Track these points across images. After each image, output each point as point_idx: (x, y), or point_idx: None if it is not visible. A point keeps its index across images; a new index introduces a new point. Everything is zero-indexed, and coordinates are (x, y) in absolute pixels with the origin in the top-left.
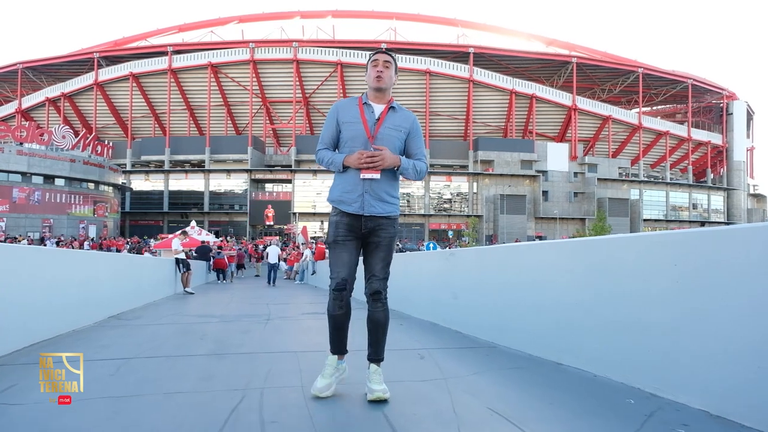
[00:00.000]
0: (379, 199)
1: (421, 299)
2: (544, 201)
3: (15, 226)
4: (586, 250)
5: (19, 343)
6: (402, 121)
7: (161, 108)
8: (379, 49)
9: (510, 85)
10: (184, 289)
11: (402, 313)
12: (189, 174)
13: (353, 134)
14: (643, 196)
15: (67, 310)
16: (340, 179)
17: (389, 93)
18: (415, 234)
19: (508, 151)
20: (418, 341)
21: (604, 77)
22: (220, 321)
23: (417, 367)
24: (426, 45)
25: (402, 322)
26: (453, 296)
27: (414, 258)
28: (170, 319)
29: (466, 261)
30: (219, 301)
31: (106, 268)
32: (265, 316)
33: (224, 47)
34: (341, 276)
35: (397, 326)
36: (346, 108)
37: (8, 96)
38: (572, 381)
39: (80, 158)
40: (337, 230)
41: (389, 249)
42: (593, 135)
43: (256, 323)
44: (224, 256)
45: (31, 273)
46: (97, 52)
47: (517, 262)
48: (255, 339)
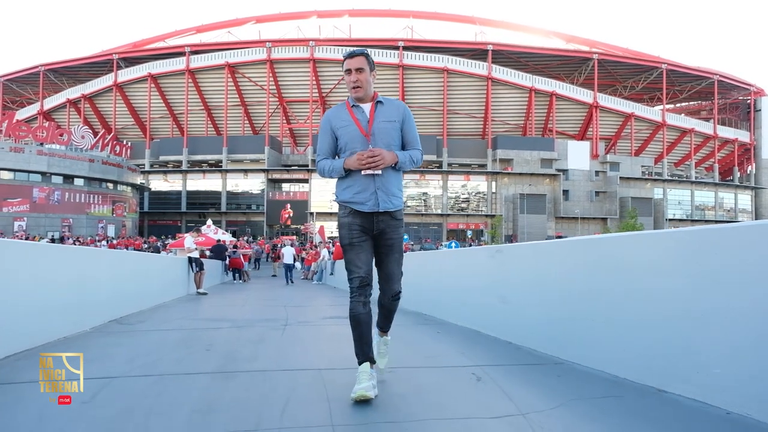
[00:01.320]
0: (391, 194)
1: (459, 303)
2: (564, 200)
3: (35, 226)
4: (714, 244)
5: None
6: (393, 112)
7: (179, 108)
8: (349, 53)
9: (529, 83)
10: (197, 290)
11: (435, 318)
12: (206, 174)
13: (350, 136)
14: (667, 195)
15: (55, 314)
16: (349, 182)
17: (371, 91)
18: (433, 234)
19: (528, 150)
20: (465, 355)
21: (626, 74)
22: (232, 326)
23: (477, 393)
24: (444, 43)
25: (439, 330)
26: (501, 300)
27: (450, 256)
28: (177, 323)
29: (518, 259)
30: (233, 302)
31: (107, 267)
32: (282, 321)
33: (241, 47)
34: (362, 273)
35: (433, 334)
36: (337, 114)
37: (30, 98)
38: (698, 419)
39: (99, 158)
40: (351, 232)
41: (401, 249)
42: (615, 133)
43: (271, 329)
44: (240, 255)
45: (7, 269)
46: (117, 53)
47: (592, 260)
48: (270, 351)
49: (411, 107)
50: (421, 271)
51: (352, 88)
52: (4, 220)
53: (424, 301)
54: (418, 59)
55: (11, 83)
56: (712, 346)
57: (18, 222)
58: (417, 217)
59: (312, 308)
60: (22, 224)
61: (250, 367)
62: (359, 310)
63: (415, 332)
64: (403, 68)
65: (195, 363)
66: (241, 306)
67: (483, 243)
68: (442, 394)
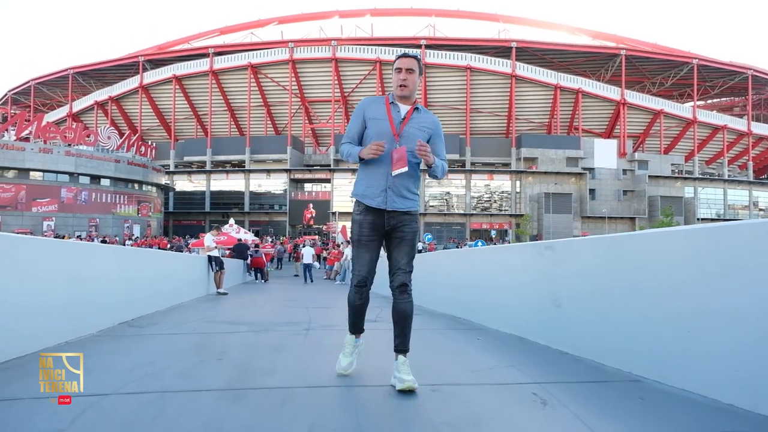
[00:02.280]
0: (401, 195)
1: (500, 306)
2: (591, 200)
3: (63, 226)
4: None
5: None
6: (426, 122)
7: (203, 109)
8: (403, 53)
9: (554, 80)
10: (217, 290)
11: (471, 322)
12: (230, 174)
13: (379, 130)
14: (699, 194)
15: (56, 315)
16: (364, 174)
17: (414, 96)
18: (456, 234)
19: (553, 148)
20: (518, 369)
21: (655, 70)
22: (250, 330)
23: (547, 423)
24: (466, 41)
25: (479, 336)
26: (553, 303)
27: (488, 254)
28: (191, 326)
29: (574, 256)
30: (253, 303)
31: (115, 265)
32: (304, 325)
33: (264, 47)
34: (362, 274)
35: (473, 342)
36: (373, 105)
37: (60, 101)
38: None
39: (125, 159)
40: (362, 230)
41: (413, 244)
42: (643, 130)
43: (292, 335)
44: (262, 254)
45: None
46: (142, 55)
47: (681, 260)
48: (290, 361)
49: (433, 106)
50: (454, 271)
51: (399, 86)
52: (33, 219)
53: (457, 304)
54: (440, 58)
55: (42, 86)
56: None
57: (47, 222)
58: (439, 217)
59: (336, 309)
60: (51, 224)
61: (265, 383)
62: (356, 301)
63: (452, 339)
64: (426, 67)
65: (203, 376)
66: (261, 307)
67: (507, 243)
68: (505, 424)
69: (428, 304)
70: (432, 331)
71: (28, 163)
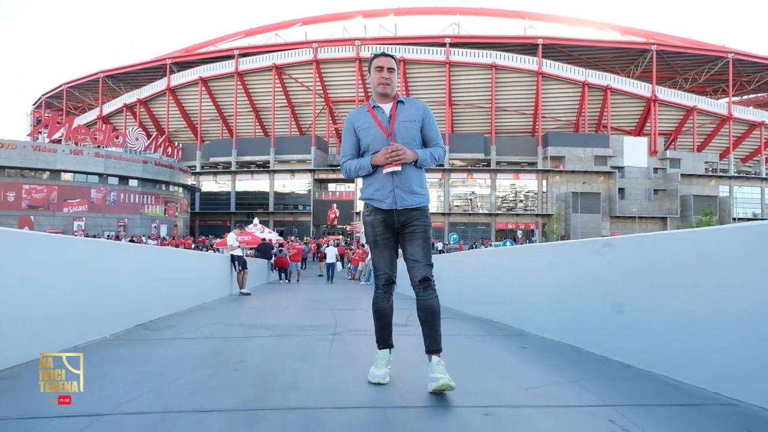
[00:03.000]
0: (410, 191)
1: (545, 310)
2: (620, 199)
3: (93, 226)
4: None
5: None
6: (413, 112)
7: (228, 110)
8: (381, 52)
9: (582, 77)
10: (240, 290)
11: (510, 327)
12: (254, 174)
13: (372, 137)
14: (734, 193)
15: (66, 317)
16: (371, 179)
17: (394, 91)
18: (480, 234)
19: (581, 147)
20: (582, 386)
21: (688, 65)
22: (271, 335)
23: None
24: (491, 38)
25: (524, 345)
26: (613, 308)
27: (530, 252)
28: (209, 330)
29: (641, 255)
30: (276, 304)
31: (130, 264)
32: (330, 329)
33: (288, 48)
34: (387, 273)
35: (518, 350)
36: (358, 116)
37: (91, 104)
38: None
39: (152, 159)
40: (375, 230)
41: (426, 237)
42: (675, 128)
43: (318, 340)
44: (286, 254)
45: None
46: (170, 58)
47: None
48: (315, 373)
49: (458, 104)
50: (490, 271)
51: (379, 84)
52: (64, 220)
53: (493, 306)
54: (465, 56)
55: (74, 90)
56: None
57: (77, 222)
58: (464, 217)
59: (363, 312)
60: (81, 224)
61: (286, 402)
62: (383, 305)
63: (491, 346)
64: (450, 65)
65: (215, 391)
66: (285, 309)
67: (534, 243)
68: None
69: (461, 307)
70: (469, 337)
71: (59, 164)
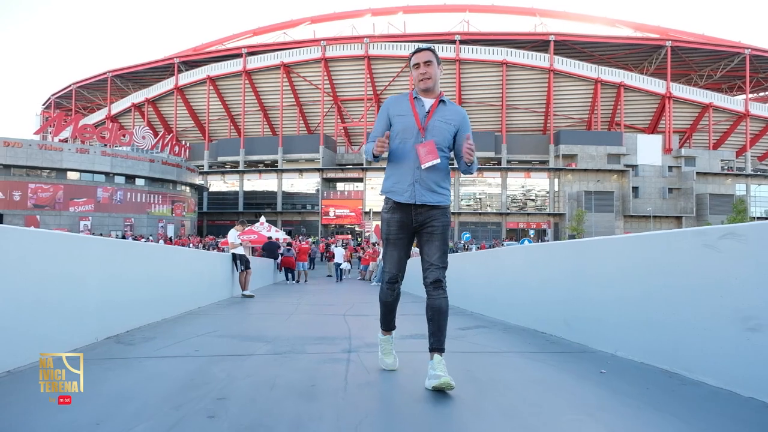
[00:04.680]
0: (429, 189)
1: (622, 321)
2: (634, 198)
3: (99, 225)
4: None
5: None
6: (452, 115)
7: (236, 110)
8: (417, 48)
9: (595, 74)
10: (242, 292)
11: (567, 341)
12: (262, 174)
13: (404, 126)
14: (751, 192)
15: (11, 330)
16: (391, 171)
17: (438, 88)
18: (491, 234)
19: (593, 145)
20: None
21: (703, 62)
22: (270, 353)
23: None
24: (502, 35)
25: (603, 369)
26: (744, 325)
27: (603, 246)
28: (194, 344)
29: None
30: (281, 309)
31: (103, 261)
32: (343, 342)
33: (296, 46)
34: (393, 272)
35: (594, 374)
36: (398, 102)
37: (100, 104)
38: None
39: (159, 158)
40: (389, 228)
41: (444, 238)
42: (690, 125)
43: (328, 361)
44: (293, 253)
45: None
46: (177, 57)
47: None
48: (327, 424)
49: (468, 103)
50: (535, 270)
51: (420, 80)
52: (70, 219)
53: (539, 313)
54: (475, 53)
55: (83, 90)
56: None
57: (83, 221)
58: (474, 216)
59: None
60: (87, 223)
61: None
62: (388, 298)
63: (557, 369)
64: (460, 62)
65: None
66: (290, 315)
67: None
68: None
69: (495, 314)
70: (521, 355)
71: (65, 163)
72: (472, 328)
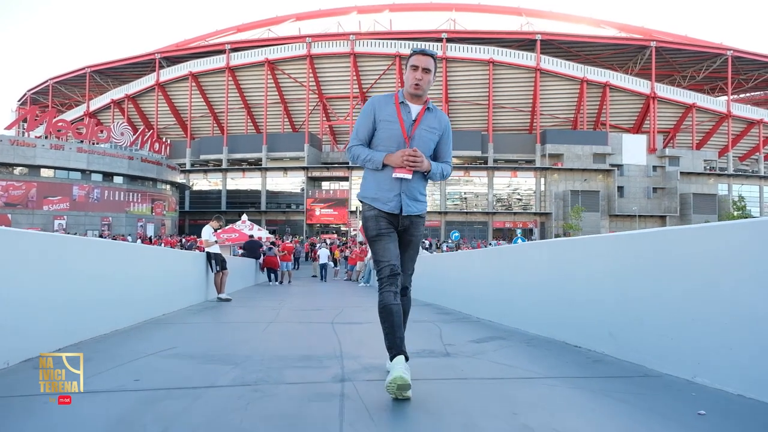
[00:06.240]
0: (414, 198)
1: (716, 337)
2: (619, 197)
3: (75, 224)
4: None
5: None
6: (436, 122)
7: (219, 107)
8: (420, 50)
9: (581, 74)
10: (218, 295)
11: (614, 358)
12: (246, 172)
13: (389, 134)
14: (733, 192)
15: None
16: (373, 177)
17: (426, 95)
18: (478, 233)
19: (579, 144)
20: None
21: (686, 63)
22: (236, 382)
23: None
24: (489, 33)
25: (702, 410)
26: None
27: (678, 236)
28: (138, 368)
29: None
30: (260, 315)
31: (21, 260)
32: (333, 365)
33: (281, 43)
34: (392, 262)
35: (693, 418)
36: (384, 105)
37: (78, 100)
38: None
39: (138, 156)
40: (379, 223)
41: (417, 247)
42: (674, 125)
43: (315, 398)
44: (276, 253)
45: None
46: (159, 53)
47: None
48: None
49: (454, 101)
50: (560, 268)
51: (413, 85)
52: (44, 218)
53: (570, 322)
54: (461, 51)
55: (60, 86)
56: None
57: (58, 220)
58: (461, 216)
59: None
60: (62, 222)
61: None
62: (391, 300)
63: (630, 409)
64: (447, 61)
65: None
66: (268, 323)
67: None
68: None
69: (508, 321)
70: (565, 382)
71: (39, 159)
72: (486, 340)
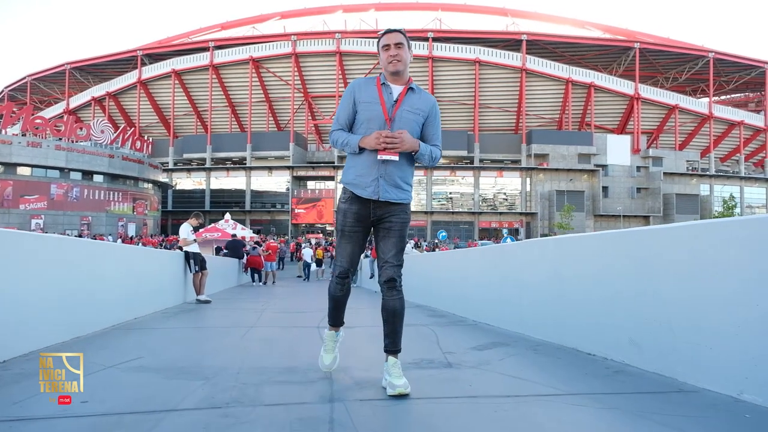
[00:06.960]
0: (394, 185)
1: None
2: (603, 197)
3: (53, 224)
4: None
5: None
6: (421, 103)
7: (203, 105)
8: (387, 29)
9: (566, 74)
10: (197, 297)
11: (648, 375)
12: (230, 172)
13: (370, 115)
14: (714, 192)
15: None
16: (354, 161)
17: (407, 73)
18: (464, 233)
19: (565, 145)
20: None
21: (669, 64)
22: (203, 405)
23: None
24: (475, 33)
25: None
26: None
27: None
28: (90, 386)
29: None
30: (240, 319)
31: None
32: (320, 380)
33: (266, 41)
34: (344, 266)
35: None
36: (364, 87)
37: (58, 97)
38: None
39: (119, 154)
40: (345, 219)
41: (402, 235)
42: (657, 126)
43: (299, 426)
44: (260, 252)
45: None
46: (141, 50)
47: None
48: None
49: (441, 101)
50: (578, 268)
51: (389, 62)
52: (20, 217)
53: (582, 326)
54: (448, 51)
55: (39, 82)
56: None
57: (35, 220)
58: (446, 216)
59: (365, 335)
60: (40, 222)
61: None
62: (337, 293)
63: None
64: (433, 60)
65: None
66: (249, 328)
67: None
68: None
69: (511, 326)
70: (589, 399)
71: (15, 157)
72: (489, 347)
